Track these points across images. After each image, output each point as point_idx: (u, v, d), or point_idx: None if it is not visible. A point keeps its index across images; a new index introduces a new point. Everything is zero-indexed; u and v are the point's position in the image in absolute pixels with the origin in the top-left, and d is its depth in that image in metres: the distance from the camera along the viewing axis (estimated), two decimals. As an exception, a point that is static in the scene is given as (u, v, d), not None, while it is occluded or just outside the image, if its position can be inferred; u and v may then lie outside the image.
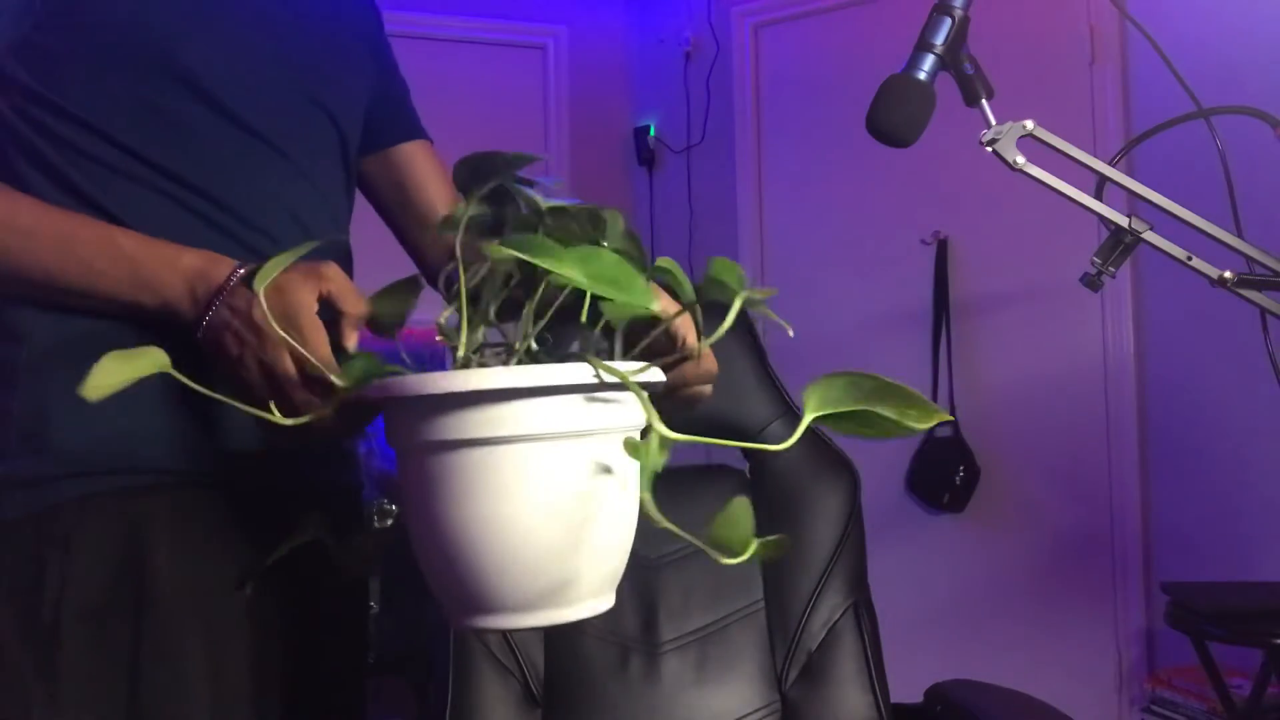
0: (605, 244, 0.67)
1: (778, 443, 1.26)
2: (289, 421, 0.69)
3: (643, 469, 0.57)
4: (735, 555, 0.55)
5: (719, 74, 3.17)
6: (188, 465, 0.84)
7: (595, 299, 0.65)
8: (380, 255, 1.13)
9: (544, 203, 0.68)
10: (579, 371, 0.59)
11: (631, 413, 0.63)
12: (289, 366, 0.73)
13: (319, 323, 0.74)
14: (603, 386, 0.60)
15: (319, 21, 1.00)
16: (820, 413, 0.60)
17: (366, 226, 1.13)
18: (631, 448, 0.58)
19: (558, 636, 1.19)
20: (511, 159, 0.66)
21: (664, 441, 0.58)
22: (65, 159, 0.83)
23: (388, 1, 1.22)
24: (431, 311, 0.70)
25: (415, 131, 1.14)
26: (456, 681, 1.14)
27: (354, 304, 0.76)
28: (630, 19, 3.42)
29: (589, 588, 0.63)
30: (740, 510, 0.54)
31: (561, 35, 3.32)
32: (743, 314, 1.31)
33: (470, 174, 0.70)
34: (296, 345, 0.71)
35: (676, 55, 3.27)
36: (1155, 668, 2.46)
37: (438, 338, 0.67)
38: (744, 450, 1.29)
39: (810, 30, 3.05)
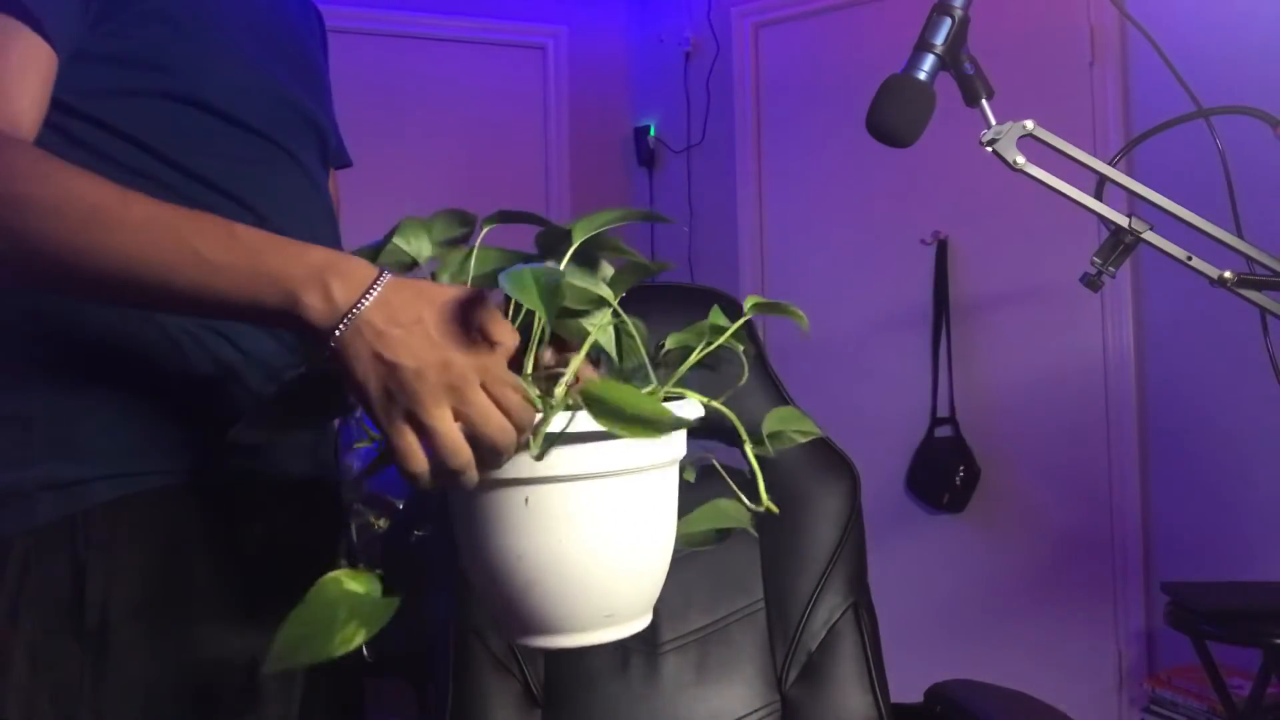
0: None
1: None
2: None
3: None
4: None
5: (719, 74, 3.17)
6: (220, 464, 0.85)
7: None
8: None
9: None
10: (694, 409, 0.65)
11: (678, 447, 0.68)
12: (516, 401, 0.61)
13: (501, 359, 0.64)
14: (681, 423, 0.64)
15: (300, 37, 1.04)
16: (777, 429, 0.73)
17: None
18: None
19: (558, 637, 1.19)
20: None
21: None
22: (101, 169, 0.84)
23: (388, 2, 1.22)
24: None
25: (346, 159, 1.16)
26: (457, 682, 1.14)
27: (511, 335, 0.63)
28: (630, 19, 3.42)
29: (638, 607, 0.67)
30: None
31: (561, 35, 3.32)
32: (739, 310, 1.31)
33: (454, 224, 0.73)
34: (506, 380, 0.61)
35: (676, 55, 3.27)
36: (1155, 668, 2.46)
37: None
38: (742, 448, 1.29)
39: (810, 30, 3.05)
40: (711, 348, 0.72)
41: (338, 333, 0.62)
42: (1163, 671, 2.34)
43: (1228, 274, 0.88)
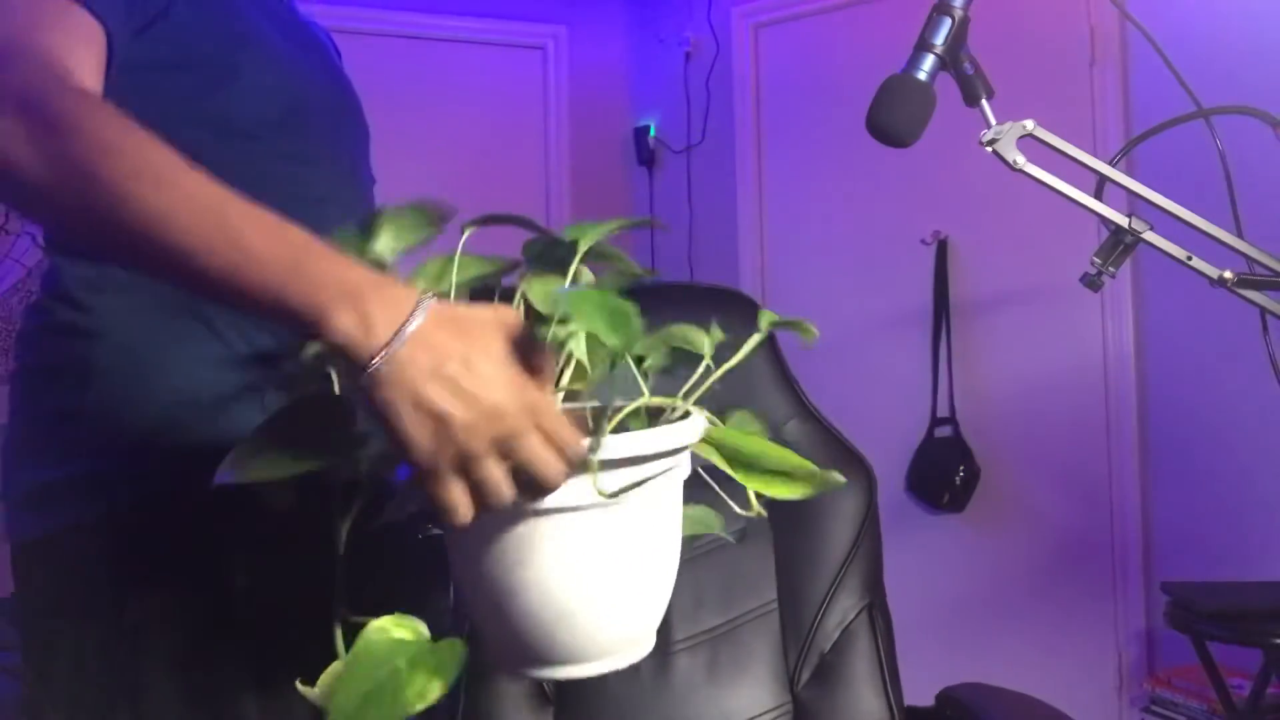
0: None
1: (793, 440, 1.26)
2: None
3: None
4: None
5: (719, 74, 3.17)
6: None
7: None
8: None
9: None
10: (696, 429, 0.61)
11: (685, 464, 0.65)
12: (569, 439, 0.58)
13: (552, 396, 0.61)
14: (684, 447, 0.62)
15: (323, 45, 1.06)
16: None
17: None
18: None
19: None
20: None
21: None
22: None
23: (389, 2, 1.24)
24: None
25: None
26: (469, 680, 1.14)
27: (549, 360, 0.61)
28: (630, 19, 3.42)
29: (647, 631, 0.65)
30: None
31: (561, 35, 3.32)
32: (757, 311, 1.31)
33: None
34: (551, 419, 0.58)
35: (676, 55, 3.27)
36: (1155, 668, 2.46)
37: None
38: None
39: (810, 30, 3.05)
40: (732, 363, 0.68)
41: (374, 370, 0.57)
42: (1163, 671, 2.34)
43: (1228, 274, 0.88)
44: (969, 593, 2.71)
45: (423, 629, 0.60)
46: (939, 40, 0.88)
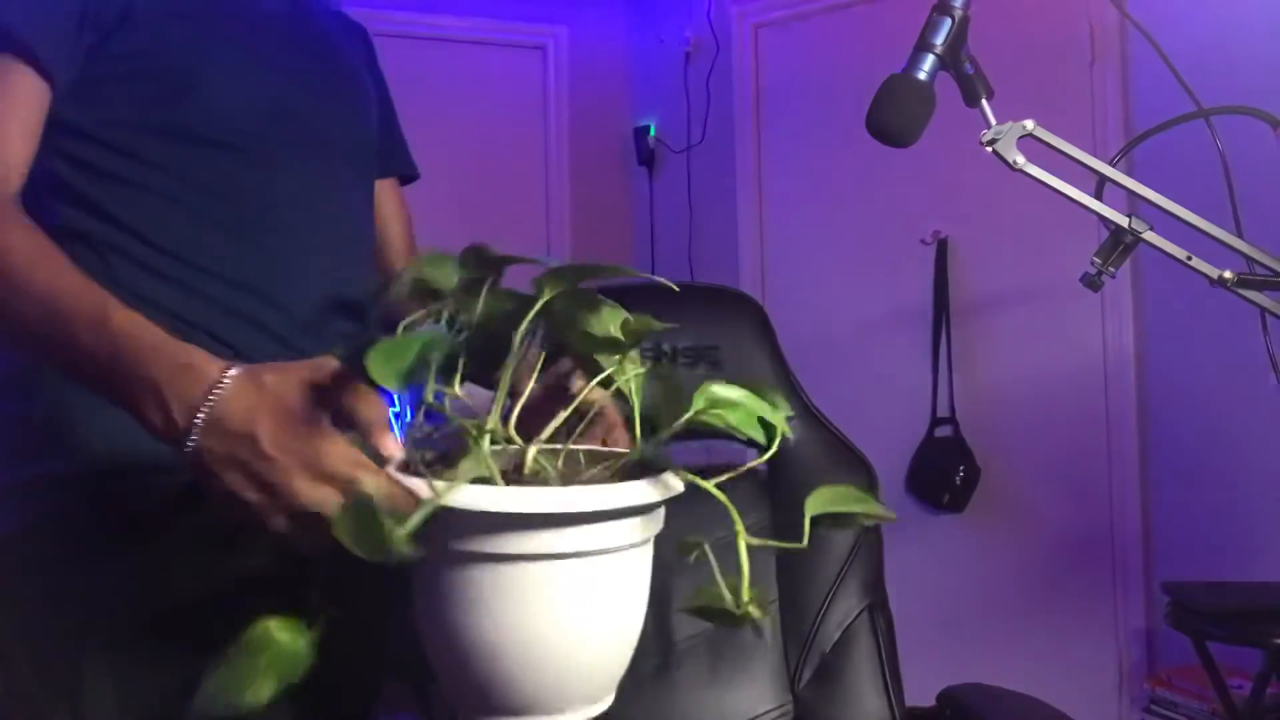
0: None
1: (793, 440, 1.26)
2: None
3: (740, 575, 0.61)
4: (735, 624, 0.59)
5: (719, 74, 3.17)
6: None
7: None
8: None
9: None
10: (653, 490, 0.59)
11: (658, 523, 0.64)
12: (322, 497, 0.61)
13: (342, 443, 0.62)
14: (660, 503, 0.61)
15: (329, 47, 1.04)
16: (820, 511, 0.64)
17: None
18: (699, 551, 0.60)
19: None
20: (504, 259, 0.62)
21: None
22: (95, 183, 0.86)
23: (388, 2, 1.23)
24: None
25: (405, 165, 1.17)
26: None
27: (371, 404, 0.63)
28: (630, 19, 3.42)
29: (605, 686, 0.63)
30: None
31: (561, 35, 3.32)
32: (760, 313, 1.31)
33: (475, 264, 0.64)
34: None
35: (676, 55, 3.27)
36: (1155, 668, 2.46)
37: (457, 422, 0.61)
38: (760, 449, 1.28)
39: (810, 30, 3.05)
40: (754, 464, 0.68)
41: (187, 456, 0.63)
42: (1163, 671, 2.34)
43: (1228, 274, 0.88)
44: (969, 593, 2.71)
45: (302, 637, 0.59)
46: (939, 40, 0.88)
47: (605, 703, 0.64)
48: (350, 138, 1.02)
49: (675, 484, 0.62)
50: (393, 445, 0.61)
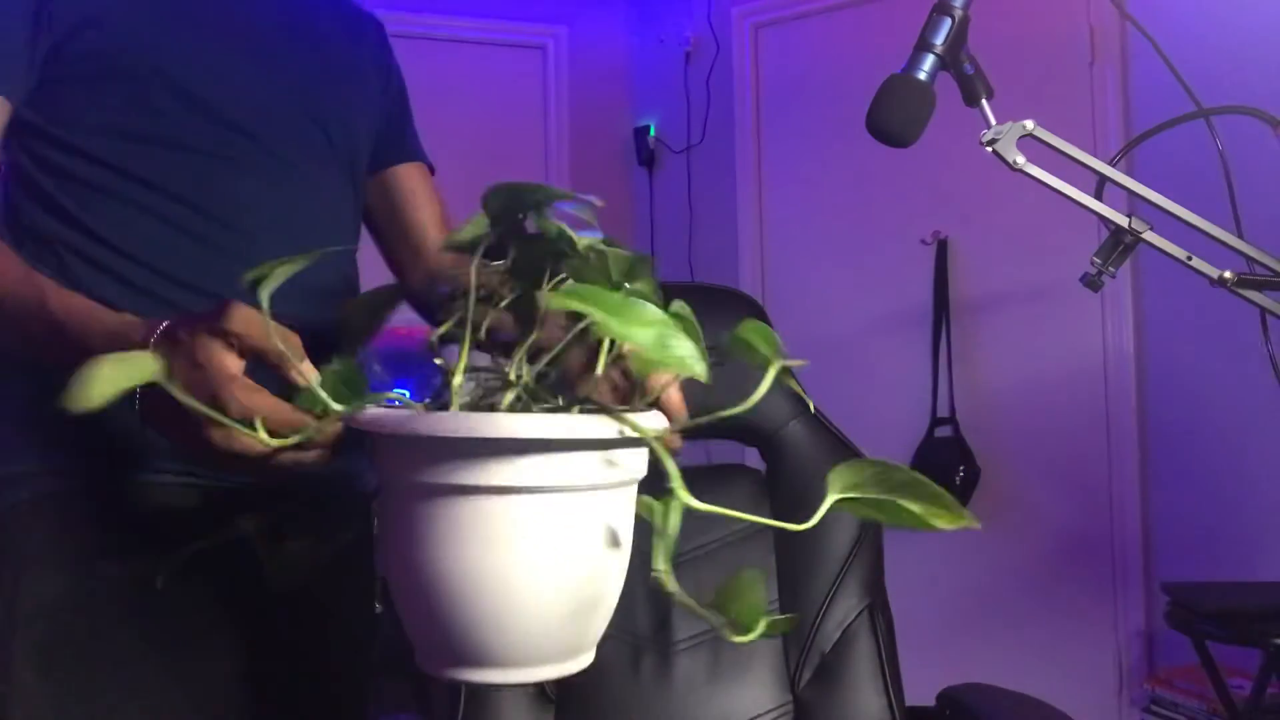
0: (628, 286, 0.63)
1: (795, 441, 1.26)
2: (280, 443, 0.62)
3: (660, 538, 0.54)
4: (745, 633, 0.54)
5: (719, 74, 3.17)
6: (169, 464, 0.85)
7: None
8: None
9: (581, 240, 0.62)
10: (608, 426, 0.56)
11: (635, 465, 0.60)
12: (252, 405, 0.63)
13: (242, 380, 0.65)
14: (625, 442, 0.57)
15: (321, 43, 1.02)
16: (844, 495, 0.58)
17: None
18: (647, 509, 0.56)
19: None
20: (548, 193, 0.60)
21: (681, 507, 0.55)
22: (57, 185, 0.86)
23: (388, 2, 1.23)
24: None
25: (413, 154, 1.16)
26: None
27: (268, 341, 0.65)
28: (630, 19, 3.42)
29: (579, 643, 0.60)
30: (749, 583, 0.54)
31: (561, 35, 3.32)
32: (760, 312, 1.31)
33: (503, 203, 0.62)
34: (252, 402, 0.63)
35: (676, 55, 3.27)
36: (1155, 668, 2.46)
37: (436, 360, 0.62)
38: (761, 449, 1.28)
39: (810, 30, 3.05)
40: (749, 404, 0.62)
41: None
42: (1163, 671, 2.34)
43: (1228, 274, 0.88)
44: (969, 593, 2.71)
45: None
46: (939, 40, 0.88)
47: (581, 661, 0.61)
48: (330, 134, 1.00)
49: (644, 428, 0.58)
50: (308, 371, 0.64)
